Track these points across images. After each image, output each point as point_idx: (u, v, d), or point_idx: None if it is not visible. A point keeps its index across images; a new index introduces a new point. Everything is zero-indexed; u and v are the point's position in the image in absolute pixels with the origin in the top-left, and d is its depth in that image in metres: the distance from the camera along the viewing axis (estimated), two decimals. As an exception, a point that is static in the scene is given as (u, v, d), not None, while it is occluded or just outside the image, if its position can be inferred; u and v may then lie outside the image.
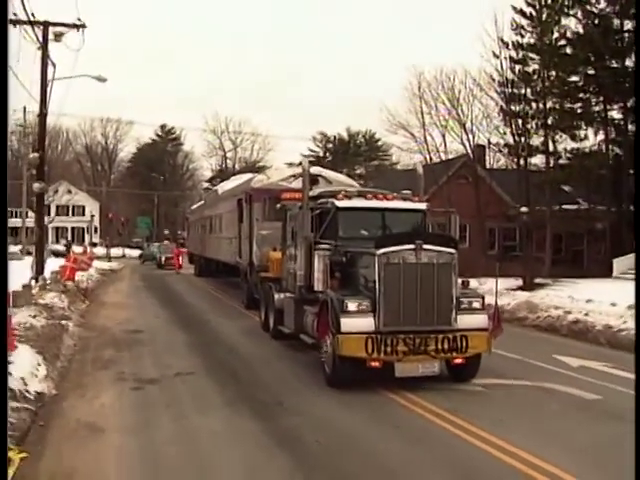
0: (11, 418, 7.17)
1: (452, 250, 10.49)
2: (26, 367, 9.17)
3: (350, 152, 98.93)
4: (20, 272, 19.70)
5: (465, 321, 10.49)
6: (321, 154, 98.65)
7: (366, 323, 10.09)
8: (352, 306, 10.18)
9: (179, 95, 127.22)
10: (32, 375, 9.07)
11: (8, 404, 6.86)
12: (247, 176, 27.20)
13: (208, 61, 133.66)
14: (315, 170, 20.39)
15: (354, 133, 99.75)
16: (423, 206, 13.43)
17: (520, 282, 28.76)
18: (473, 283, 25.09)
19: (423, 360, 10.18)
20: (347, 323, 10.10)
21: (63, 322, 14.67)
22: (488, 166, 40.37)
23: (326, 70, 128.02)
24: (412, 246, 10.23)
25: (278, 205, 16.01)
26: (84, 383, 10.12)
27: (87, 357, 12.33)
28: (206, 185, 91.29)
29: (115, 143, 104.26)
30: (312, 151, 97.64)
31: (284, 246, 14.58)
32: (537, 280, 28.77)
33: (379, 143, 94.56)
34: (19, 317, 12.28)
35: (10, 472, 6.03)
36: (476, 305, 10.79)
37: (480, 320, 10.74)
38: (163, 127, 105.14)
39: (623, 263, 27.86)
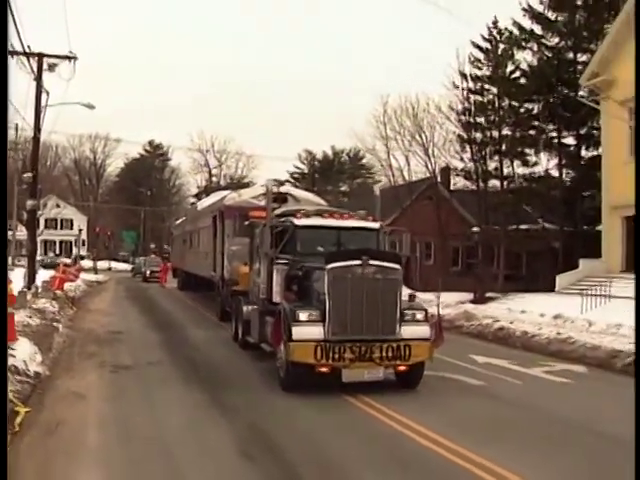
0: (17, 386, 9.64)
1: (397, 266, 11.23)
2: (26, 354, 11.58)
3: (334, 170, 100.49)
4: (14, 281, 22.02)
5: (408, 331, 11.13)
6: (306, 171, 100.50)
7: (316, 332, 10.70)
8: (303, 316, 10.79)
9: (166, 112, 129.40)
10: (31, 360, 11.47)
11: (8, 389, 9.25)
12: (224, 193, 27.94)
13: (195, 79, 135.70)
14: (284, 189, 21.11)
15: (338, 151, 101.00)
16: (376, 225, 14.30)
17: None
18: (430, 296, 27.85)
19: (368, 367, 10.79)
20: (298, 331, 10.68)
21: (54, 323, 17.18)
22: (454, 187, 42.76)
23: (311, 89, 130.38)
24: (359, 262, 10.88)
25: (246, 222, 16.43)
26: (72, 368, 12.56)
27: (74, 350, 14.77)
28: (192, 200, 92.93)
29: (103, 158, 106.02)
30: (297, 168, 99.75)
31: (251, 261, 15.27)
32: (490, 294, 31.24)
33: (363, 161, 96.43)
34: (17, 317, 14.59)
35: (18, 420, 8.44)
36: (419, 317, 11.48)
37: (422, 330, 11.37)
38: (151, 143, 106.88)
39: (565, 279, 30.30)
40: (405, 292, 12.07)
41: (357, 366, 10.73)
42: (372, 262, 10.96)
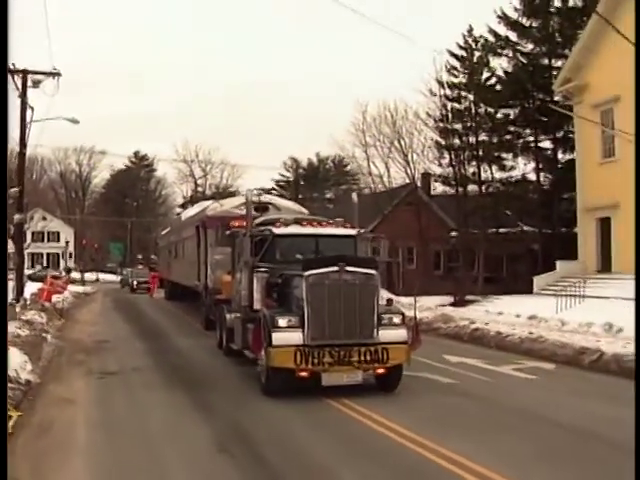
0: (9, 393, 10.19)
1: (373, 271, 11.46)
2: (17, 363, 12.11)
3: (320, 177, 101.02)
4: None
5: (386, 335, 11.32)
6: (292, 179, 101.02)
7: (295, 337, 10.92)
8: (282, 322, 11.03)
9: (150, 124, 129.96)
10: (21, 368, 12.02)
11: (7, 390, 9.81)
12: (207, 203, 27.87)
13: (178, 90, 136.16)
14: (265, 198, 21.80)
15: (323, 158, 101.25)
16: (353, 232, 14.56)
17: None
18: (411, 300, 28.40)
19: (347, 370, 11.02)
20: (278, 337, 10.92)
21: (43, 334, 17.74)
22: (434, 192, 43.46)
23: (294, 98, 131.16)
24: (336, 268, 11.11)
25: (227, 232, 16.54)
26: (61, 375, 13.15)
27: (63, 359, 15.35)
28: (179, 211, 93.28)
29: (89, 171, 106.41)
30: (283, 176, 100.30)
31: (233, 270, 15.39)
32: (470, 297, 31.95)
33: (347, 168, 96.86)
34: (9, 329, 15.13)
35: (10, 423, 9.01)
36: (396, 320, 11.66)
37: (400, 334, 11.58)
38: (136, 154, 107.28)
39: (542, 280, 31.10)
40: (387, 296, 12.77)
41: (336, 370, 10.96)
42: (349, 268, 11.18)
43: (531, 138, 39.00)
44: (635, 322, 13.73)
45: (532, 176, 39.71)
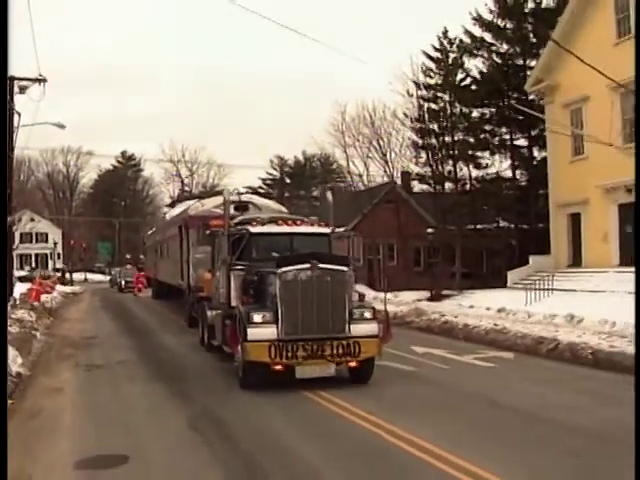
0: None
1: (344, 268, 11.96)
2: (8, 357, 13.03)
3: (306, 175, 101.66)
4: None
5: (357, 329, 11.73)
6: (278, 177, 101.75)
7: (269, 332, 11.30)
8: (257, 318, 11.42)
9: (136, 124, 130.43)
10: (13, 362, 12.91)
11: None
12: (190, 203, 28.39)
13: (163, 90, 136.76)
14: (245, 197, 21.77)
15: (310, 156, 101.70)
16: (327, 230, 14.95)
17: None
18: (389, 296, 29.48)
19: (320, 364, 11.42)
20: (253, 332, 11.31)
21: (32, 331, 18.68)
22: (415, 190, 44.48)
23: (280, 96, 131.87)
24: (308, 265, 11.50)
25: (207, 231, 16.77)
26: (50, 368, 14.14)
27: (52, 354, 16.37)
28: (166, 210, 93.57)
29: (76, 171, 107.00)
30: (269, 174, 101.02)
31: (213, 268, 15.72)
32: (446, 292, 32.90)
33: (333, 166, 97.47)
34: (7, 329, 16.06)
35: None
36: (367, 315, 12.06)
37: (371, 328, 11.95)
38: (124, 154, 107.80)
39: (516, 275, 32.12)
40: (360, 292, 13.48)
41: (309, 363, 11.35)
42: (321, 265, 11.58)
43: (507, 136, 40.01)
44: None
45: (509, 173, 40.74)
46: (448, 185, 39.22)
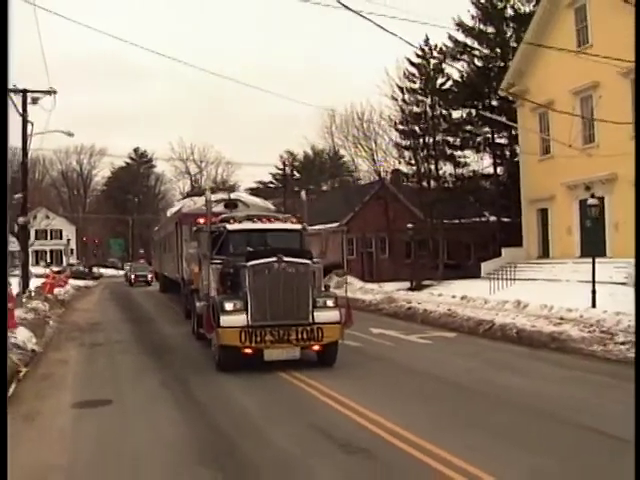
0: (20, 356, 13.98)
1: (307, 261, 13.03)
2: (25, 337, 15.92)
3: (315, 169, 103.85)
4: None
5: (320, 316, 12.74)
6: (288, 172, 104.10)
7: (240, 319, 12.37)
8: (229, 306, 12.49)
9: (147, 121, 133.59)
10: (28, 341, 15.81)
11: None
12: (185, 201, 30.02)
13: (174, 87, 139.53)
14: (234, 195, 23.70)
15: (319, 151, 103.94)
16: (298, 226, 16.03)
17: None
18: (374, 286, 32.12)
19: (286, 347, 12.46)
20: (225, 319, 12.39)
21: (46, 319, 21.61)
22: (405, 186, 47.10)
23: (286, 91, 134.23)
24: (275, 259, 12.59)
25: (194, 228, 18.27)
26: (59, 347, 17.08)
27: (62, 336, 19.28)
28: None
29: (89, 169, 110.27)
30: (279, 169, 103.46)
31: (199, 262, 16.68)
32: (427, 282, 35.45)
33: (342, 160, 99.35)
34: (16, 313, 18.85)
35: (21, 374, 12.77)
36: (330, 303, 13.06)
37: (333, 315, 12.96)
38: (136, 151, 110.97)
39: (490, 266, 34.48)
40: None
41: (276, 347, 12.42)
42: (286, 259, 12.66)
43: (488, 135, 42.50)
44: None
45: (491, 170, 43.27)
46: (433, 182, 41.79)
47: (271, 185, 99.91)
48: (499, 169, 43.15)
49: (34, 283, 32.70)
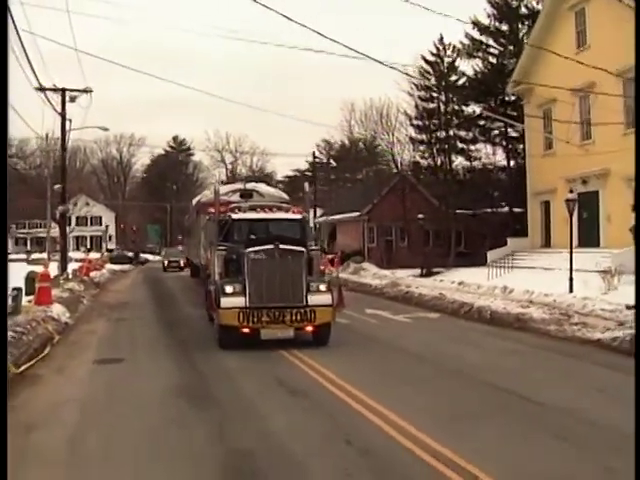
0: (55, 326, 16.61)
1: (302, 249, 13.88)
2: (59, 311, 18.63)
3: (351, 158, 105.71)
4: (50, 270, 29.13)
5: (314, 299, 13.53)
6: (324, 160, 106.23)
7: (238, 301, 13.23)
8: (229, 289, 13.40)
9: (184, 109, 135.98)
10: (62, 315, 18.51)
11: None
12: (207, 192, 31.13)
13: (210, 76, 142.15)
14: (250, 186, 24.91)
15: (355, 139, 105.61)
16: (299, 216, 16.97)
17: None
18: (387, 272, 34.19)
19: (281, 328, 13.32)
20: (225, 301, 13.30)
21: (80, 298, 24.37)
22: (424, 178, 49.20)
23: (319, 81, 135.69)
24: (271, 246, 13.48)
25: (207, 217, 19.54)
26: (89, 320, 19.87)
27: (93, 312, 22.07)
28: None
29: (129, 157, 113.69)
30: (316, 158, 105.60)
31: (210, 249, 17.70)
32: (438, 269, 37.48)
33: (378, 149, 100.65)
34: (53, 292, 21.56)
35: (55, 340, 15.39)
36: (322, 288, 13.88)
37: (325, 298, 13.76)
38: (175, 139, 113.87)
39: (495, 254, 36.15)
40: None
41: (272, 327, 13.27)
42: (282, 246, 13.54)
43: (503, 129, 44.33)
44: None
45: (505, 162, 45.21)
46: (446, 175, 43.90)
47: (307, 173, 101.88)
48: (512, 162, 44.87)
49: (72, 267, 35.56)
